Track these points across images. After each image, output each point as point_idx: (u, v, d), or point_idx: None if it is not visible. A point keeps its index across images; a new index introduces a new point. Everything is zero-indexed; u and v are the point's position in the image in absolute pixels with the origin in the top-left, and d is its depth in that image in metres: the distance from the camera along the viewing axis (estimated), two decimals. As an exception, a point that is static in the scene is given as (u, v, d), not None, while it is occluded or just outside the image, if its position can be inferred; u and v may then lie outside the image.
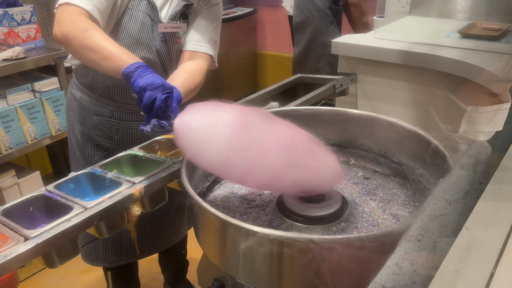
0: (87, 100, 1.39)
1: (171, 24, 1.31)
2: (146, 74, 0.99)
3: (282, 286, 0.84)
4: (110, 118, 1.39)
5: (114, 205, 0.98)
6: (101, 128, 1.40)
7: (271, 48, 4.29)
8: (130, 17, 1.26)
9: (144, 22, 1.29)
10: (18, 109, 2.08)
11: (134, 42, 1.29)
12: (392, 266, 0.54)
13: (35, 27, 2.31)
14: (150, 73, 1.00)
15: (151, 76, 0.98)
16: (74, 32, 1.08)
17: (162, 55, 1.35)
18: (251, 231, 0.78)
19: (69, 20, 1.10)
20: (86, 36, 1.07)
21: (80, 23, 1.09)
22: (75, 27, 1.08)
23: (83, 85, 1.39)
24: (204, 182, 1.16)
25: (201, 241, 0.99)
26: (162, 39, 1.32)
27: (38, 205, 1.02)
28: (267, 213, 1.02)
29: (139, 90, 0.96)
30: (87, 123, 1.40)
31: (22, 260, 0.83)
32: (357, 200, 1.07)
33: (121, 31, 1.28)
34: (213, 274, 1.15)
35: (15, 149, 2.11)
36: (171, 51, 1.36)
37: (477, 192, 0.70)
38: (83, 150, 1.43)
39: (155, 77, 0.98)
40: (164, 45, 1.34)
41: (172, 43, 1.36)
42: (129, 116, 1.40)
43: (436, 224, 0.63)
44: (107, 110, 1.39)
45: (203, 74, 1.32)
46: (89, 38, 1.07)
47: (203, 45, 1.37)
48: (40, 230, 0.88)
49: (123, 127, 1.40)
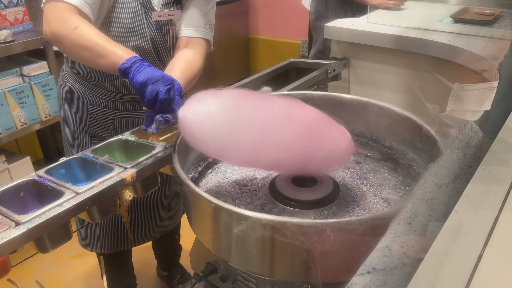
0: (80, 89, 1.36)
1: (165, 12, 1.28)
2: (144, 68, 0.97)
3: (274, 270, 0.85)
4: (105, 108, 1.36)
5: (105, 190, 0.98)
6: (96, 118, 1.37)
7: (264, 33, 4.25)
8: (122, 6, 1.22)
9: (136, 11, 1.24)
10: (7, 94, 2.05)
11: (127, 31, 1.25)
12: (383, 248, 0.55)
13: (22, 10, 2.26)
14: (148, 67, 0.97)
15: (149, 70, 0.96)
16: (64, 30, 1.04)
17: (157, 44, 1.32)
18: (244, 216, 0.78)
19: (58, 18, 1.06)
20: (77, 34, 1.03)
21: (70, 21, 1.05)
22: (64, 25, 1.04)
23: (76, 74, 1.36)
24: (197, 167, 1.16)
25: (193, 225, 0.99)
26: (156, 27, 1.29)
27: (29, 190, 1.02)
28: (259, 198, 1.02)
29: (140, 85, 0.94)
30: (81, 112, 1.38)
31: (13, 245, 0.83)
32: (348, 184, 1.08)
33: (113, 21, 1.24)
34: (206, 258, 1.16)
35: (4, 134, 2.09)
36: (166, 39, 1.33)
37: (467, 176, 0.71)
38: (78, 139, 1.41)
39: (154, 70, 0.96)
40: (159, 33, 1.31)
41: (167, 31, 1.32)
42: (124, 105, 1.37)
43: (426, 207, 0.64)
44: (101, 100, 1.36)
45: (201, 61, 1.29)
46: (80, 36, 1.04)
47: (199, 29, 1.33)
48: (32, 215, 0.87)
49: (118, 116, 1.38)
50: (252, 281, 1.05)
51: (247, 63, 4.41)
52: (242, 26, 4.27)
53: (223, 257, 0.92)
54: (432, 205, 0.64)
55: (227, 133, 0.88)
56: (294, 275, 0.83)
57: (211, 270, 1.14)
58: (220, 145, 0.90)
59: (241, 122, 0.88)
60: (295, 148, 0.89)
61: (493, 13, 1.79)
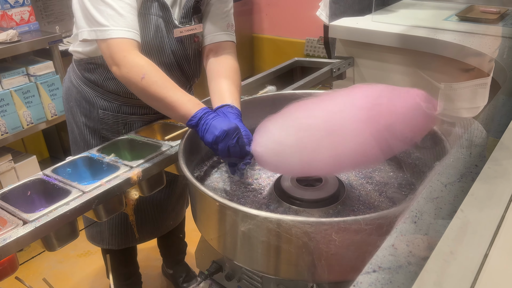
0: (92, 94, 1.34)
1: (186, 28, 1.25)
2: (210, 125, 0.99)
3: (279, 268, 0.85)
4: (117, 113, 1.35)
5: (112, 189, 0.98)
6: (107, 123, 1.36)
7: (268, 32, 4.25)
8: (144, 22, 1.19)
9: (158, 26, 1.22)
10: (13, 93, 2.06)
11: (149, 48, 1.22)
12: (388, 247, 0.55)
13: (28, 10, 2.28)
14: (213, 120, 0.99)
15: (215, 125, 0.98)
16: (133, 78, 1.06)
17: (178, 56, 1.30)
18: (249, 214, 0.78)
19: (125, 62, 1.07)
20: (144, 84, 1.05)
21: (137, 68, 1.06)
22: (132, 72, 1.06)
23: (88, 80, 1.34)
24: (202, 166, 1.16)
25: (199, 224, 1.00)
26: (177, 40, 1.27)
27: (36, 189, 1.03)
28: (264, 197, 1.03)
29: (211, 145, 0.98)
30: (92, 116, 1.36)
31: (21, 243, 0.84)
32: (353, 183, 1.08)
33: None
34: (211, 257, 1.16)
35: (11, 134, 2.10)
36: (188, 51, 1.31)
37: (472, 174, 0.71)
38: (88, 142, 1.39)
39: (220, 124, 0.98)
40: (180, 46, 1.28)
41: (189, 44, 1.30)
42: (137, 109, 1.36)
43: (432, 206, 0.64)
44: (114, 105, 1.34)
45: (237, 64, 1.28)
46: (148, 88, 1.05)
47: (223, 33, 1.31)
48: (39, 214, 0.88)
49: (130, 121, 1.36)
50: (257, 279, 1.06)
51: (252, 62, 4.41)
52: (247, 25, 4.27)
53: (229, 256, 0.92)
54: (437, 204, 0.64)
55: (301, 151, 0.89)
56: (299, 273, 0.83)
57: (217, 268, 1.14)
58: (301, 163, 0.91)
59: (309, 135, 0.88)
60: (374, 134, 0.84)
61: (499, 11, 1.78)
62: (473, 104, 1.07)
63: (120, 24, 1.08)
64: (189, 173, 0.91)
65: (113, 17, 1.08)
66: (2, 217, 0.89)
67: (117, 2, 1.08)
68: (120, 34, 1.08)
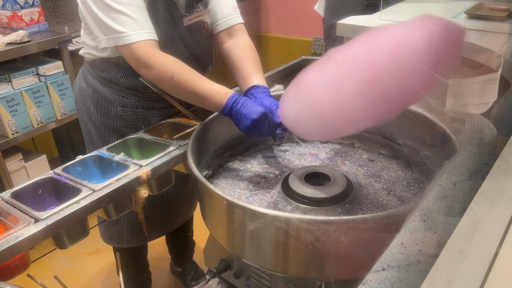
0: (109, 92, 1.35)
1: (194, 15, 1.28)
2: (240, 113, 1.07)
3: (287, 267, 0.85)
4: (136, 108, 1.36)
5: (121, 188, 0.99)
6: (127, 119, 1.37)
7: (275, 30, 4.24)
8: (153, 19, 1.20)
9: (166, 19, 1.24)
10: (24, 93, 2.09)
11: (162, 42, 1.23)
12: (397, 246, 0.55)
13: (38, 11, 2.30)
14: (243, 109, 1.07)
15: (245, 115, 1.06)
16: (163, 78, 1.13)
17: (189, 45, 1.32)
18: (258, 213, 0.79)
19: (152, 64, 1.12)
20: (175, 82, 1.12)
21: (164, 67, 1.12)
22: (161, 72, 1.12)
23: (104, 79, 1.35)
24: (210, 165, 1.17)
25: (208, 222, 1.00)
26: (187, 28, 1.29)
27: (47, 187, 1.04)
28: (273, 195, 1.03)
29: (245, 132, 1.09)
30: (111, 114, 1.37)
31: (33, 241, 0.85)
32: (362, 182, 1.07)
33: None
34: (220, 255, 1.17)
35: (21, 133, 2.12)
36: (198, 37, 1.33)
37: (482, 173, 0.71)
38: (106, 140, 1.40)
39: (249, 113, 1.05)
40: (190, 34, 1.31)
41: (198, 30, 1.32)
42: (155, 104, 1.37)
43: (441, 205, 0.63)
44: (133, 101, 1.35)
45: (251, 43, 1.35)
46: (179, 85, 1.12)
47: (233, 17, 1.36)
48: (50, 212, 0.89)
49: (150, 116, 1.37)
50: (265, 277, 1.06)
51: (260, 60, 4.40)
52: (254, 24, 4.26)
53: (237, 254, 0.93)
54: (447, 203, 0.64)
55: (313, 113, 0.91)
56: (307, 272, 0.83)
57: (225, 266, 1.15)
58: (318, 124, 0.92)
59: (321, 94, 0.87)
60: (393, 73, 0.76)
61: (508, 8, 1.76)
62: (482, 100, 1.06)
63: (136, 29, 1.11)
64: (198, 172, 0.92)
65: (127, 22, 1.11)
66: (14, 215, 0.90)
67: (128, 7, 1.11)
68: (139, 37, 1.12)
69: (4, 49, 2.01)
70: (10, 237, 0.83)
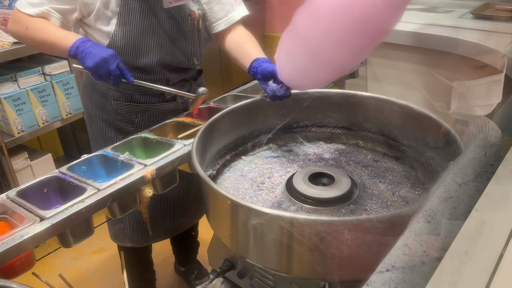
0: (103, 85, 1.39)
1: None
2: (89, 51, 1.12)
3: (291, 267, 0.85)
4: (129, 102, 1.39)
5: (126, 187, 1.00)
6: (121, 113, 1.39)
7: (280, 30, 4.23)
8: (128, 11, 1.23)
9: (142, 9, 1.24)
10: (30, 92, 2.10)
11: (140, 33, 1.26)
12: (402, 247, 0.55)
13: (44, 10, 2.31)
14: (92, 47, 1.12)
15: (94, 51, 1.11)
16: (19, 31, 1.22)
17: (171, 33, 1.31)
18: (262, 213, 0.79)
19: (13, 19, 1.22)
20: (29, 34, 1.20)
21: (23, 21, 1.20)
22: (18, 26, 1.21)
23: None
24: (214, 164, 1.17)
25: (212, 222, 1.00)
26: (169, 17, 1.28)
27: (52, 186, 1.04)
28: (277, 195, 1.03)
29: (92, 71, 1.13)
30: (106, 108, 1.40)
31: (38, 239, 0.86)
32: (366, 182, 1.07)
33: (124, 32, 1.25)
34: (224, 255, 1.17)
35: (27, 132, 2.14)
36: (182, 26, 1.32)
37: (487, 174, 0.70)
38: (105, 135, 1.43)
39: (99, 51, 1.11)
40: (173, 22, 1.30)
41: (183, 19, 1.31)
42: (148, 98, 1.39)
43: (446, 206, 0.63)
44: (125, 94, 1.38)
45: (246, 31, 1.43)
46: (31, 37, 1.20)
47: (233, 14, 1.38)
48: (55, 211, 0.90)
49: (142, 109, 1.40)
50: (269, 277, 1.06)
51: (264, 60, 4.39)
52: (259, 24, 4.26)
53: (241, 254, 0.93)
54: (452, 204, 0.63)
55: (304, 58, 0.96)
56: (311, 272, 0.83)
57: (229, 266, 1.15)
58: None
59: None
60: None
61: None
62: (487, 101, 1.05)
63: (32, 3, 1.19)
64: (202, 171, 0.92)
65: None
66: (20, 214, 0.91)
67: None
68: (27, 10, 1.19)
69: (10, 49, 2.02)
70: (16, 235, 0.84)
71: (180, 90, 1.36)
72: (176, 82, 1.42)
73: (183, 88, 1.42)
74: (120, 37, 1.25)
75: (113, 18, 1.24)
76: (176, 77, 1.40)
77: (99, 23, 1.25)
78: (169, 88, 1.28)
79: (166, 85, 1.37)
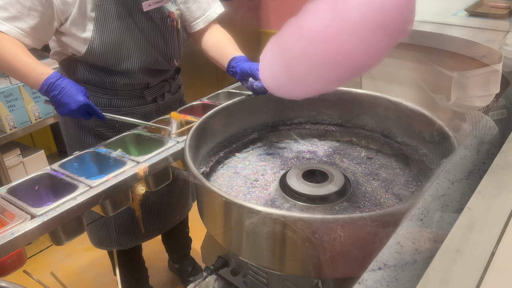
0: None
1: (153, 0, 1.24)
2: (59, 101, 1.12)
3: (284, 264, 0.85)
4: (108, 107, 1.35)
5: (118, 184, 0.99)
6: None
7: (275, 27, 4.23)
8: (105, 16, 1.19)
9: (119, 14, 1.21)
10: (21, 88, 2.08)
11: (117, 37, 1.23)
12: (394, 245, 0.55)
13: (36, 5, 2.29)
14: (62, 97, 1.12)
15: (64, 102, 1.12)
16: None
17: (149, 36, 1.28)
18: (254, 210, 0.78)
19: None
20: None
21: None
22: None
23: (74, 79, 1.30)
24: (208, 162, 1.16)
25: (205, 220, 1.00)
26: (147, 19, 1.26)
27: (44, 183, 1.03)
28: (270, 193, 1.03)
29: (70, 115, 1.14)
30: None
31: (29, 237, 0.85)
32: (359, 179, 1.07)
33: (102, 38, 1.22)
34: (217, 252, 1.17)
35: (19, 128, 2.12)
36: (161, 27, 1.29)
37: (480, 172, 0.70)
38: (84, 142, 1.40)
39: (68, 102, 1.11)
40: (151, 24, 1.27)
41: (161, 19, 1.29)
42: (127, 102, 1.36)
43: (439, 203, 0.63)
44: (104, 100, 1.35)
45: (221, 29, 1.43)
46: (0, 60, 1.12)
47: (210, 12, 1.38)
48: (46, 208, 0.89)
49: (123, 114, 1.35)
50: (262, 275, 1.06)
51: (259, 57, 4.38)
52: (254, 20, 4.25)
53: (234, 251, 0.92)
54: (444, 202, 0.63)
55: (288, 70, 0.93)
56: (304, 269, 0.83)
57: (222, 263, 1.15)
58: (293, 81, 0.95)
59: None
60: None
61: (509, 6, 1.75)
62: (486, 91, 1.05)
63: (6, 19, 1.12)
64: (195, 169, 0.92)
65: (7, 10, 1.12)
66: (11, 211, 0.90)
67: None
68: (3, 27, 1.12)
69: (2, 44, 2.00)
70: (6, 233, 0.83)
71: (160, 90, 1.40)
72: (156, 84, 1.40)
73: (163, 89, 1.43)
74: (98, 44, 1.21)
75: (89, 24, 1.20)
76: (155, 80, 1.38)
77: (75, 29, 1.20)
78: (142, 121, 1.26)
79: (146, 88, 1.37)
